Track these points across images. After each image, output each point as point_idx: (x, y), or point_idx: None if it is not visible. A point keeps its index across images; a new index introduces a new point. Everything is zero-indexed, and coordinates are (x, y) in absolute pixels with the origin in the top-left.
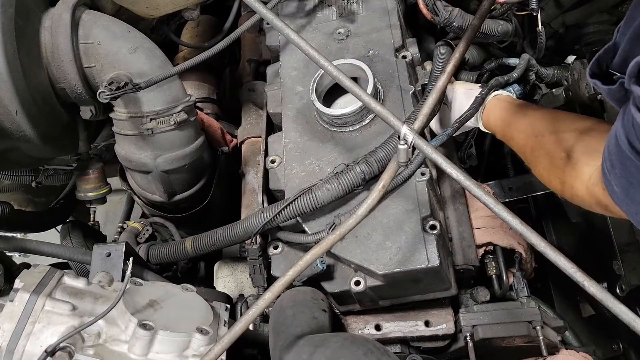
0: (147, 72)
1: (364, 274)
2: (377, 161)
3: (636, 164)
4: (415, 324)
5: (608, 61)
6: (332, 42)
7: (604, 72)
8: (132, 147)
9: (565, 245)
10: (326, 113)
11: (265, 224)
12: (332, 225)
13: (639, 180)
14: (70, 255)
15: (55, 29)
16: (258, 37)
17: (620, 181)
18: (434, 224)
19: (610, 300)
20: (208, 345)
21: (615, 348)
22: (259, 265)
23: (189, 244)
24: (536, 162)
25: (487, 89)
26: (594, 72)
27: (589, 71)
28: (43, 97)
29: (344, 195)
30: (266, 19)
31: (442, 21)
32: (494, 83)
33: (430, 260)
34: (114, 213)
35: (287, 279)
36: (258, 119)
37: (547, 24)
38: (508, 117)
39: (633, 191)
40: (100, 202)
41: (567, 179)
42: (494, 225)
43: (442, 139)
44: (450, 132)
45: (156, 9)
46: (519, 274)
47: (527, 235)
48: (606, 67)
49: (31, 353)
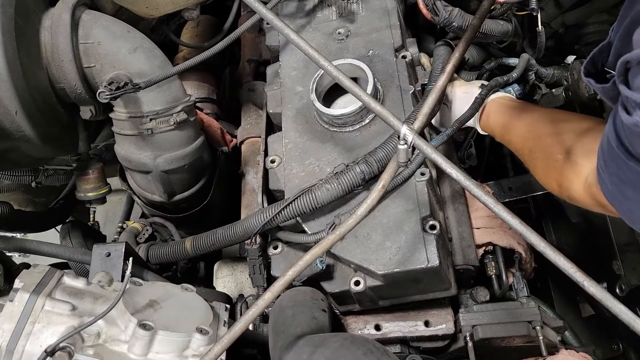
0: (146, 72)
1: (364, 274)
2: (377, 161)
3: (625, 162)
4: (415, 324)
5: (603, 60)
6: (332, 42)
7: (599, 71)
8: (132, 147)
9: (565, 245)
10: (326, 113)
11: (265, 224)
12: (332, 225)
13: (629, 178)
14: (70, 255)
15: (55, 29)
16: (258, 37)
17: (613, 179)
18: (433, 224)
19: (610, 300)
20: (208, 345)
21: (615, 348)
22: (259, 266)
23: (188, 244)
24: (535, 164)
25: (487, 89)
26: (588, 71)
27: (584, 70)
28: (43, 97)
29: (343, 195)
30: (266, 18)
31: (441, 21)
32: (493, 83)
33: (430, 260)
34: (113, 213)
35: (287, 279)
36: (258, 119)
37: (547, 24)
38: (506, 120)
39: (624, 188)
40: (100, 202)
41: (565, 180)
42: (494, 225)
43: (442, 139)
44: (449, 132)
45: (156, 9)
46: (519, 274)
47: (527, 235)
48: (601, 66)
49: (31, 353)
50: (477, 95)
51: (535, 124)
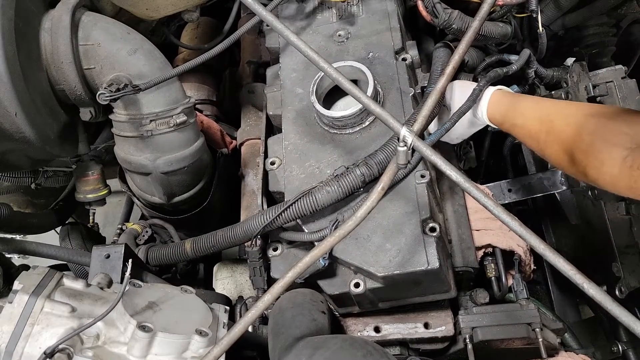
0: (146, 73)
1: (364, 276)
2: (377, 163)
3: None
4: (415, 326)
5: None
6: (332, 44)
7: None
8: (132, 148)
9: (565, 247)
10: (326, 115)
11: (265, 226)
12: (336, 222)
13: None
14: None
15: (55, 31)
16: (258, 39)
17: None
18: (433, 226)
19: (610, 302)
20: (207, 347)
21: (614, 350)
22: (259, 268)
23: (188, 246)
24: (551, 147)
25: (486, 80)
26: None
27: None
28: (43, 98)
29: (343, 197)
30: (266, 20)
31: (441, 23)
32: (492, 74)
33: (430, 262)
34: (113, 215)
35: (287, 281)
36: (257, 120)
37: (547, 26)
38: (515, 105)
39: None
40: (99, 204)
41: (594, 161)
42: (493, 227)
43: (441, 133)
44: (448, 126)
45: (156, 11)
46: (518, 276)
47: (526, 237)
48: None
49: (30, 355)
50: (476, 87)
51: (549, 106)
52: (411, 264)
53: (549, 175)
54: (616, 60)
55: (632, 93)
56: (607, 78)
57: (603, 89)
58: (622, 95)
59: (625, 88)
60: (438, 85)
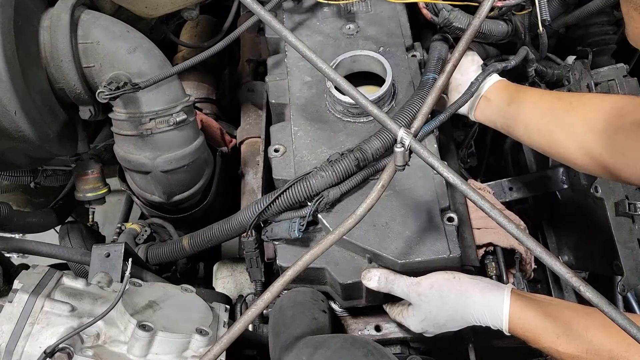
0: (146, 72)
1: (378, 265)
2: (372, 149)
3: None
4: None
5: None
6: (342, 37)
7: None
8: (131, 147)
9: (566, 245)
10: (344, 101)
11: (260, 214)
12: (320, 197)
13: None
14: (69, 256)
15: (54, 29)
16: (257, 37)
17: None
18: (451, 216)
19: (606, 305)
20: (207, 346)
21: None
22: (256, 259)
23: (185, 242)
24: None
25: (484, 75)
26: None
27: None
28: (42, 97)
29: (338, 182)
30: (264, 20)
31: (441, 22)
32: (491, 68)
33: (452, 250)
34: (113, 214)
35: (287, 279)
36: (257, 119)
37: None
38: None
39: None
40: (99, 203)
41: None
42: (494, 226)
43: (436, 124)
44: (443, 117)
45: (155, 9)
46: (519, 275)
47: (523, 239)
48: None
49: (30, 354)
50: (474, 80)
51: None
52: (433, 252)
53: (550, 173)
54: (616, 59)
55: (634, 91)
56: (609, 76)
57: (605, 87)
58: (623, 93)
59: (627, 86)
60: (438, 83)
